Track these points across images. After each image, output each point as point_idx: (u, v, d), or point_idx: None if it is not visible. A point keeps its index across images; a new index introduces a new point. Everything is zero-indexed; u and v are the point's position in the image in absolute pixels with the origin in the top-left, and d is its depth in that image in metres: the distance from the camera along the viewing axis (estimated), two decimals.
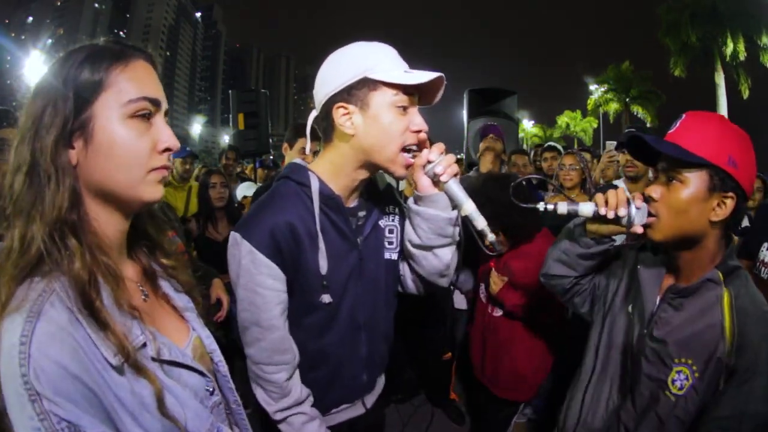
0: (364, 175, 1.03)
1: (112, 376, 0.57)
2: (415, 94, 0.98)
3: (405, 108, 0.96)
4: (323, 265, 1.01)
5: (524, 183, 1.67)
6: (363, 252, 1.09)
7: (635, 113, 24.23)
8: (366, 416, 1.24)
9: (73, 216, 0.60)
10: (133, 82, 0.63)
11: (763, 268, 1.81)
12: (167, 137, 0.66)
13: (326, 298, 1.04)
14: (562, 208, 1.01)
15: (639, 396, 0.98)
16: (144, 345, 0.62)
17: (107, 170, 0.62)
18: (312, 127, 1.06)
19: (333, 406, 1.17)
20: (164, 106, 0.68)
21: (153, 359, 0.63)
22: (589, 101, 27.01)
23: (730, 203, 0.88)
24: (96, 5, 76.98)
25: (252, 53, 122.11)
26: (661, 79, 21.75)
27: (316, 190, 1.01)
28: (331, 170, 1.03)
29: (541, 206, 1.02)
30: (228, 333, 1.69)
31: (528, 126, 36.01)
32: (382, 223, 1.15)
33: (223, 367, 0.80)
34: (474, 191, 1.18)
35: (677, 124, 0.95)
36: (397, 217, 1.17)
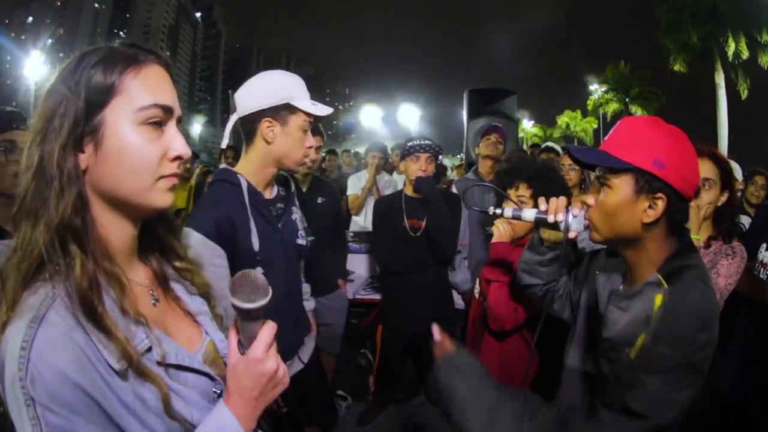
0: (273, 172, 1.40)
1: (116, 381, 0.57)
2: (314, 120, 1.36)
3: (306, 131, 1.35)
4: (255, 243, 1.30)
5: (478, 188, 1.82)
6: (284, 235, 1.43)
7: (635, 113, 24.23)
8: (307, 372, 1.55)
9: (76, 221, 0.59)
10: (146, 89, 0.62)
11: (762, 269, 1.81)
12: (179, 145, 0.65)
13: (259, 271, 1.20)
14: (508, 212, 1.14)
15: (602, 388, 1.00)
16: (149, 349, 0.62)
17: (117, 176, 0.61)
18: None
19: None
20: (177, 113, 0.67)
21: (158, 363, 0.63)
22: (589, 101, 27.02)
23: (660, 204, 0.90)
24: (96, 5, 76.97)
25: (252, 53, 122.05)
26: (661, 79, 21.75)
27: (245, 187, 1.33)
28: (252, 169, 1.37)
29: (491, 210, 1.18)
30: None
31: (528, 126, 36.00)
32: (293, 216, 1.51)
33: None
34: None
35: (611, 131, 0.99)
36: (299, 212, 1.55)
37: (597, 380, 1.02)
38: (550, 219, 1.06)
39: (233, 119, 1.37)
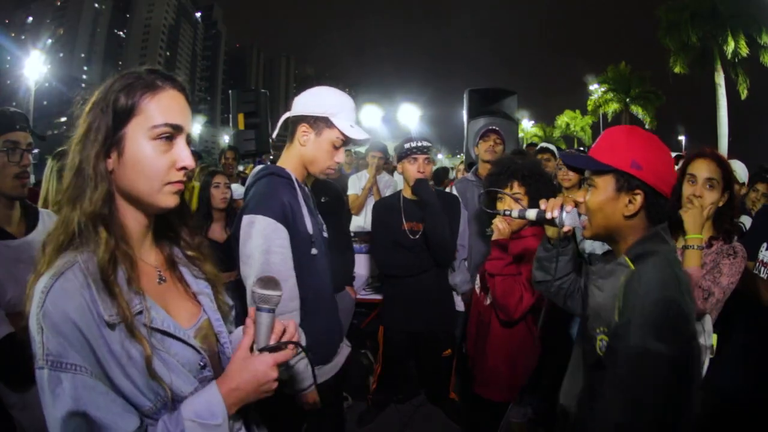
0: (305, 171, 1.56)
1: (108, 333, 0.71)
2: (349, 142, 1.52)
3: (338, 148, 1.51)
4: (309, 227, 1.48)
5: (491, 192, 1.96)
6: (320, 226, 1.58)
7: (635, 113, 24.23)
8: (350, 356, 1.69)
9: (105, 210, 0.76)
10: (160, 110, 0.78)
11: (762, 268, 1.81)
12: (185, 157, 0.80)
13: (314, 251, 1.49)
14: (515, 213, 1.30)
15: (585, 360, 1.15)
16: (140, 313, 0.75)
17: (133, 179, 0.78)
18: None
19: (335, 347, 1.60)
20: (186, 130, 0.81)
21: (145, 326, 0.75)
22: (589, 101, 27.01)
23: (639, 199, 1.05)
24: (96, 5, 76.95)
25: (252, 53, 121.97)
26: (661, 79, 21.75)
27: (295, 179, 1.51)
28: (292, 166, 1.53)
29: (501, 212, 1.35)
30: None
31: (528, 126, 35.99)
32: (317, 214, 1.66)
33: (229, 349, 0.91)
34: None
35: (596, 141, 1.15)
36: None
37: (581, 359, 1.16)
38: (548, 216, 1.21)
39: (284, 116, 1.56)
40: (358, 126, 1.52)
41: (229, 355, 0.90)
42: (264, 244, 1.36)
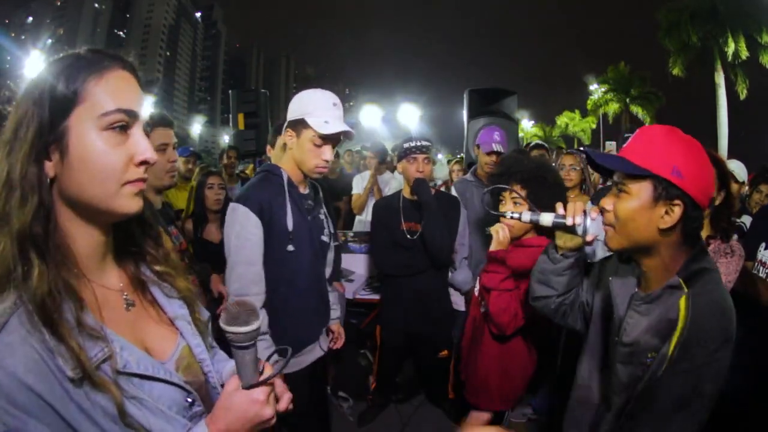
0: (300, 172, 1.62)
1: (73, 388, 0.58)
2: (330, 137, 1.53)
3: (319, 146, 1.54)
4: (290, 224, 1.56)
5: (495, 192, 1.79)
6: (312, 226, 1.65)
7: (635, 114, 24.21)
8: (323, 360, 1.78)
9: (37, 229, 0.60)
10: (109, 94, 0.62)
11: (761, 268, 1.82)
12: (144, 149, 0.65)
13: (291, 247, 1.56)
14: (526, 216, 1.12)
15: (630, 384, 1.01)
16: (108, 358, 0.62)
17: (82, 183, 0.62)
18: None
19: (302, 346, 1.66)
20: (142, 116, 0.67)
21: (119, 372, 0.63)
22: (589, 102, 26.98)
23: (677, 210, 0.93)
24: (96, 5, 76.90)
25: (252, 53, 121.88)
26: (662, 79, 21.72)
27: (285, 178, 1.60)
28: (288, 167, 1.62)
29: (508, 214, 1.16)
30: None
31: (528, 126, 35.97)
32: (321, 216, 1.74)
33: (213, 378, 0.80)
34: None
35: (629, 139, 1.01)
36: (326, 215, 1.78)
37: (615, 386, 1.03)
38: (569, 222, 1.06)
39: (285, 125, 1.63)
40: (341, 121, 1.55)
41: (214, 384, 0.80)
42: (239, 230, 1.51)
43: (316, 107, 1.53)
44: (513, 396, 1.90)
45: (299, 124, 1.55)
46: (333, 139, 1.56)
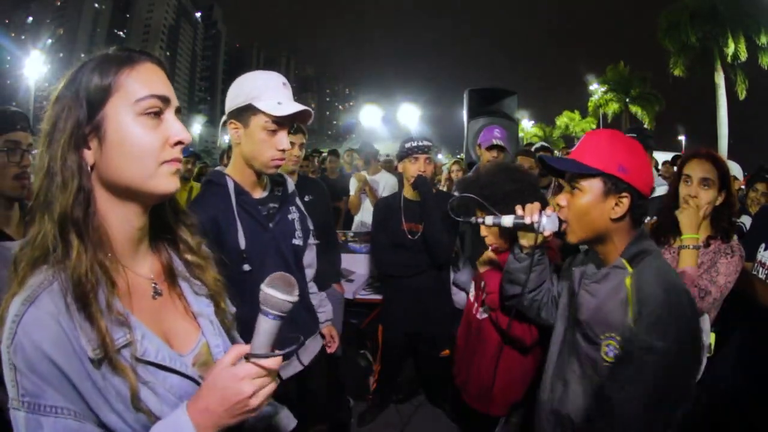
0: (253, 172, 1.38)
1: (90, 367, 0.62)
2: (285, 121, 1.31)
3: (274, 131, 1.31)
4: (242, 242, 1.33)
5: (461, 201, 1.68)
6: (276, 234, 1.43)
7: (635, 114, 24.22)
8: (308, 372, 1.53)
9: (77, 212, 0.64)
10: (141, 82, 0.67)
11: (761, 269, 1.82)
12: (177, 131, 0.69)
13: (246, 267, 1.34)
14: (489, 220, 1.23)
15: (584, 367, 1.13)
16: (129, 344, 0.65)
17: (120, 165, 0.66)
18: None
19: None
20: (174, 102, 0.71)
21: (137, 359, 0.66)
22: (589, 102, 27.00)
23: (626, 201, 1.06)
24: (96, 5, 76.91)
25: (252, 53, 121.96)
26: (662, 79, 21.73)
27: (231, 188, 1.36)
28: (236, 170, 1.39)
29: (473, 220, 1.26)
30: None
31: (528, 126, 35.98)
32: (290, 216, 1.51)
33: None
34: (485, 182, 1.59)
35: (577, 144, 1.14)
36: (298, 212, 1.55)
37: (577, 364, 1.14)
38: (527, 221, 1.17)
39: (222, 120, 1.42)
40: (293, 102, 1.34)
41: None
42: None
43: (264, 88, 1.30)
44: (515, 400, 1.90)
45: (246, 112, 1.31)
46: (288, 125, 1.35)
